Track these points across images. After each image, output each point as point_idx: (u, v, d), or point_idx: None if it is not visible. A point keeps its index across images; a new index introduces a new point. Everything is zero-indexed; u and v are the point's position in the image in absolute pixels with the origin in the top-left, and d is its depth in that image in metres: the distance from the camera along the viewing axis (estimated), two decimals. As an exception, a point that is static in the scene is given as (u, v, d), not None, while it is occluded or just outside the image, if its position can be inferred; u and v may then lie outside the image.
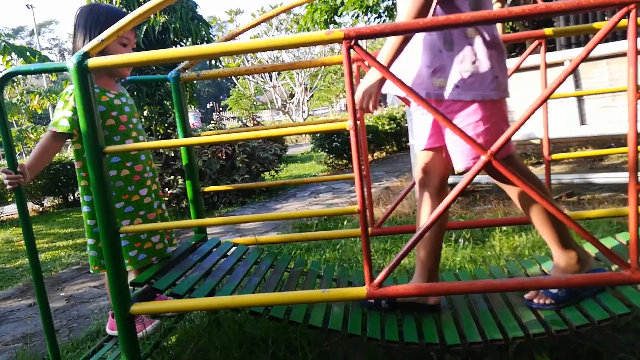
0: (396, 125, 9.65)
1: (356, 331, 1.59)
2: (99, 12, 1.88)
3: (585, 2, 1.23)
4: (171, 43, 6.16)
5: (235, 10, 20.28)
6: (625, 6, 1.21)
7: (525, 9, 1.23)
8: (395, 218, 3.84)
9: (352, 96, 1.32)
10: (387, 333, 1.60)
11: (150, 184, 2.01)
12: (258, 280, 1.87)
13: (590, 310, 1.52)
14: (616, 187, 3.90)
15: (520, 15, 1.24)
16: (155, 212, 2.00)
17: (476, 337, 1.52)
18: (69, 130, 1.79)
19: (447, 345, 1.51)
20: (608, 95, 3.09)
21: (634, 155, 1.29)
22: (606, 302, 1.54)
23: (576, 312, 1.55)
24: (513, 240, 2.85)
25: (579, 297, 1.60)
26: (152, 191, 2.02)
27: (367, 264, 1.38)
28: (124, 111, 1.94)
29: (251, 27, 2.09)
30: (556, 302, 1.59)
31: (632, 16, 1.21)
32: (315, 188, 6.34)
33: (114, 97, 1.92)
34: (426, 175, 1.70)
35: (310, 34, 1.32)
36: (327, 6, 10.03)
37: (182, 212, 5.55)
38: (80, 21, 1.88)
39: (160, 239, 1.99)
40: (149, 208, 1.97)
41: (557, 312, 1.57)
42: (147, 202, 1.97)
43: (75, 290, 3.14)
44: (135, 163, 1.95)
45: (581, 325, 1.47)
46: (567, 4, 1.22)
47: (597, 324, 1.46)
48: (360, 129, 2.06)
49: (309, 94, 22.22)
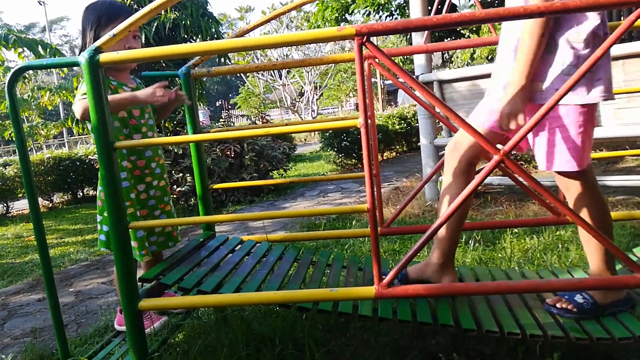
0: (407, 125, 9.60)
1: (367, 312, 1.57)
2: (99, 8, 1.92)
3: (602, 0, 1.20)
4: (181, 40, 6.17)
5: (245, 7, 20.30)
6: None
7: (540, 7, 1.21)
8: (404, 219, 3.82)
9: (363, 94, 1.31)
10: (399, 313, 1.57)
11: (151, 180, 2.01)
12: (266, 272, 1.86)
13: (611, 327, 1.49)
14: (631, 190, 3.85)
15: (536, 13, 1.22)
16: (148, 209, 2.00)
17: (493, 326, 1.49)
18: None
19: (463, 329, 1.48)
20: (623, 96, 3.04)
21: (650, 156, 1.27)
22: (627, 322, 1.50)
23: (596, 326, 1.51)
24: (524, 242, 2.82)
25: (601, 313, 1.56)
26: (154, 187, 2.02)
27: (377, 264, 1.36)
28: (138, 106, 1.96)
29: (262, 23, 2.08)
30: (578, 312, 1.55)
31: (650, 14, 1.19)
32: (323, 187, 6.33)
33: (130, 92, 1.94)
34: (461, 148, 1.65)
35: (321, 30, 1.31)
36: (338, 4, 10.00)
37: (190, 209, 5.57)
38: (82, 19, 1.94)
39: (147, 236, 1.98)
40: (142, 204, 1.98)
41: (576, 322, 1.53)
42: (143, 198, 1.99)
43: (83, 286, 3.16)
44: (139, 158, 1.96)
45: (601, 338, 1.43)
46: (583, 1, 1.20)
47: (618, 340, 1.42)
48: (371, 127, 2.04)
49: (319, 93, 22.20)
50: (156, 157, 2.05)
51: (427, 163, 4.35)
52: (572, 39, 1.40)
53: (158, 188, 2.05)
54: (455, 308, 1.63)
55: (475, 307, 1.64)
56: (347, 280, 1.92)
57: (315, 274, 1.97)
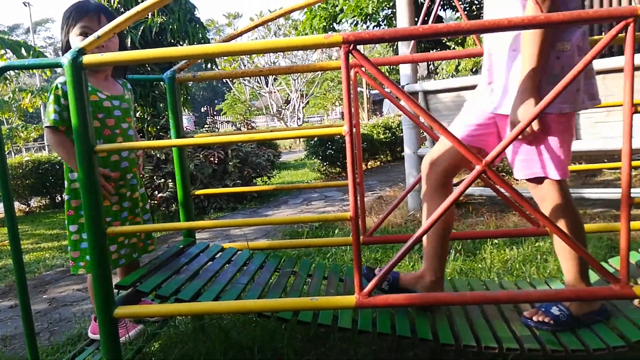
0: (391, 134, 9.66)
1: (347, 324, 1.56)
2: (70, 7, 1.89)
3: (585, 14, 1.23)
4: (168, 44, 6.13)
5: (233, 13, 20.30)
6: (623, 19, 1.21)
7: (525, 19, 1.22)
8: (387, 228, 3.82)
9: (348, 102, 1.30)
10: (379, 326, 1.57)
11: (126, 192, 1.95)
12: (246, 281, 1.84)
13: (586, 338, 1.51)
14: (608, 203, 3.91)
15: (520, 25, 1.24)
16: (120, 221, 1.94)
17: (470, 340, 1.50)
18: (56, 124, 1.77)
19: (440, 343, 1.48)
20: (602, 110, 3.11)
21: (628, 170, 1.29)
22: (602, 334, 1.52)
23: (572, 337, 1.52)
24: (504, 253, 2.84)
25: (577, 324, 1.57)
26: (127, 199, 1.96)
27: (358, 272, 1.35)
28: (113, 114, 1.89)
29: (250, 29, 2.07)
30: (555, 324, 1.56)
31: (630, 30, 1.21)
32: (307, 195, 6.32)
33: (105, 99, 1.88)
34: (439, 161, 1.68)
35: (309, 37, 1.30)
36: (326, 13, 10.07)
37: (171, 216, 5.49)
38: (63, 18, 1.90)
39: (117, 249, 1.92)
40: (115, 216, 1.92)
41: (552, 334, 1.55)
42: (116, 209, 1.92)
43: (58, 292, 3.08)
44: (113, 170, 1.89)
45: (577, 350, 1.45)
46: (566, 15, 1.22)
47: (593, 352, 1.44)
48: (356, 135, 2.04)
49: (305, 101, 22.24)
50: (133, 169, 1.98)
51: (410, 173, 4.37)
52: (558, 49, 1.43)
53: (130, 199, 1.98)
54: (434, 320, 1.64)
55: (454, 319, 1.65)
56: (327, 290, 1.90)
57: (296, 283, 1.95)
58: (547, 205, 1.55)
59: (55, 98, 1.78)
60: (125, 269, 2.05)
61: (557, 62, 1.44)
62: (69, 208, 1.88)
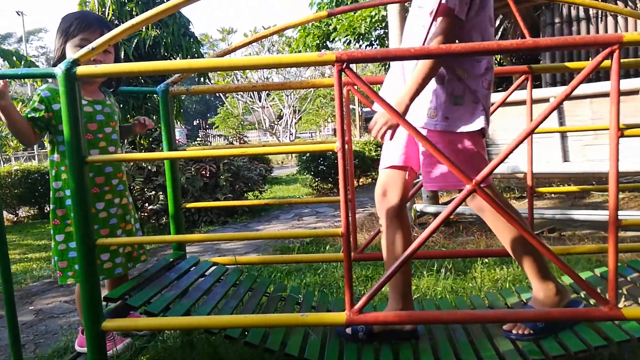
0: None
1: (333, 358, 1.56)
2: (71, 17, 1.88)
3: (572, 40, 1.26)
4: (161, 57, 6.16)
5: (227, 29, 20.50)
6: (609, 46, 1.24)
7: (513, 43, 1.26)
8: (378, 245, 3.82)
9: (341, 119, 1.32)
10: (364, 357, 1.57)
11: (113, 197, 1.92)
12: (236, 303, 1.83)
13: (568, 342, 1.53)
14: (597, 225, 3.96)
15: (509, 49, 1.27)
16: (109, 228, 1.91)
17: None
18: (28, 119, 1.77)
19: None
20: (590, 133, 3.17)
21: (615, 192, 1.31)
22: (584, 334, 1.55)
23: (554, 343, 1.55)
24: (494, 272, 2.85)
25: (557, 328, 1.60)
26: (115, 205, 1.93)
27: (349, 289, 1.36)
28: (95, 119, 1.89)
29: (243, 45, 2.10)
30: (535, 333, 1.59)
31: (615, 56, 1.24)
32: (298, 211, 6.31)
33: (87, 104, 1.88)
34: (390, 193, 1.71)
35: (302, 54, 1.33)
36: (319, 31, 10.19)
37: (161, 228, 5.45)
38: (58, 27, 1.90)
39: (111, 257, 1.89)
40: (103, 223, 1.89)
41: (534, 343, 1.57)
42: (103, 216, 1.89)
43: (45, 304, 3.03)
44: (98, 175, 1.87)
45: (558, 356, 1.47)
46: (554, 40, 1.26)
47: (574, 355, 1.46)
48: (348, 152, 2.06)
49: (297, 117, 22.36)
50: (118, 174, 1.95)
51: (401, 190, 4.39)
52: (459, 74, 1.55)
53: (120, 206, 1.95)
54: (418, 351, 1.63)
55: (437, 345, 1.64)
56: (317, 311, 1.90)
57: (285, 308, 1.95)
58: (487, 214, 1.61)
59: (32, 103, 1.79)
60: (114, 281, 2.02)
61: (459, 85, 1.55)
62: (54, 217, 1.86)
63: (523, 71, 1.98)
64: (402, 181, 1.71)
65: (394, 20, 4.39)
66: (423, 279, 2.80)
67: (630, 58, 4.27)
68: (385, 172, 1.74)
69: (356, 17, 9.95)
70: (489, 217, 1.61)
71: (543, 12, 6.19)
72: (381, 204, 1.74)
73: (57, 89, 1.82)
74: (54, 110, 1.79)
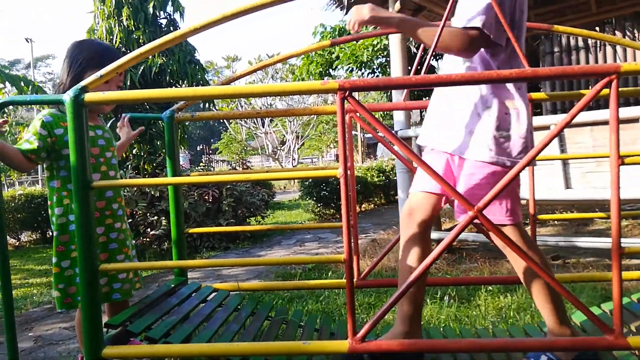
0: (385, 178, 9.74)
1: None
2: (84, 47, 1.92)
3: (570, 70, 1.29)
4: (167, 84, 6.26)
5: (232, 56, 20.85)
6: (607, 76, 1.26)
7: (512, 73, 1.28)
8: (380, 271, 3.80)
9: (343, 145, 1.34)
10: None
11: (112, 222, 1.92)
12: (237, 328, 1.81)
13: None
14: (601, 253, 3.92)
15: (508, 78, 1.29)
16: (108, 253, 1.90)
17: None
18: (25, 152, 1.77)
19: None
20: (592, 160, 3.18)
21: (617, 220, 1.31)
22: None
23: None
24: (498, 300, 2.82)
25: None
26: (116, 230, 1.93)
27: (351, 316, 1.35)
28: (97, 144, 1.91)
29: (248, 73, 2.14)
30: None
31: (613, 85, 1.27)
32: (301, 236, 6.29)
33: (89, 129, 1.88)
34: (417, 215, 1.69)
35: (306, 82, 1.35)
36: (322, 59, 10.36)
37: (162, 254, 5.43)
38: (67, 55, 1.92)
39: (109, 282, 1.88)
40: (103, 248, 1.88)
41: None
42: (102, 240, 1.88)
43: (44, 330, 3.00)
44: (99, 199, 1.88)
45: None
46: (552, 70, 1.28)
47: None
48: (350, 178, 2.07)
49: (300, 142, 22.51)
50: (118, 198, 1.96)
51: (404, 216, 4.38)
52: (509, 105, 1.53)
53: (121, 231, 1.95)
54: None
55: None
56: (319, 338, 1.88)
57: (287, 334, 1.93)
58: (510, 250, 1.56)
59: (33, 129, 1.80)
60: (114, 308, 2.01)
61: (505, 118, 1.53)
62: (58, 244, 1.85)
63: (523, 99, 2.01)
64: (432, 206, 1.68)
65: (395, 49, 4.48)
66: (426, 306, 2.77)
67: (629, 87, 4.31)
68: (417, 195, 1.71)
69: (358, 45, 10.14)
70: (512, 255, 1.57)
71: (542, 42, 6.30)
72: (406, 225, 1.71)
73: (59, 114, 1.85)
74: (57, 135, 1.81)
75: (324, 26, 11.90)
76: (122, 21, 6.21)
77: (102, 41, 1.88)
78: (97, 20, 6.49)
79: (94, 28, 6.48)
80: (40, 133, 1.79)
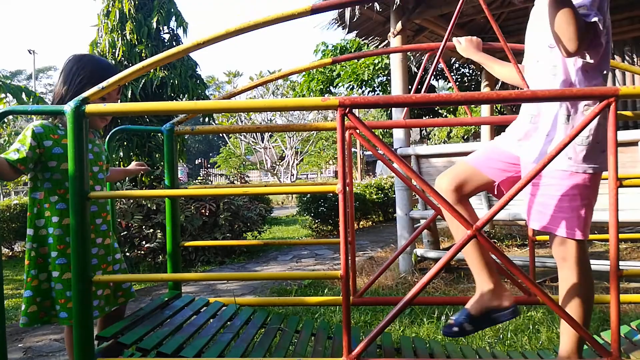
0: (384, 195, 9.74)
1: None
2: (86, 62, 1.92)
3: (569, 92, 1.30)
4: (168, 98, 6.29)
5: (233, 72, 20.99)
6: (605, 99, 1.27)
7: (512, 94, 1.29)
8: (377, 289, 3.77)
9: (342, 161, 1.34)
10: None
11: (95, 237, 1.88)
12: (231, 337, 1.79)
13: None
14: (599, 275, 3.90)
15: (507, 99, 1.30)
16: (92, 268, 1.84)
17: None
18: (14, 162, 1.75)
19: None
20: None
21: (615, 242, 1.31)
22: None
23: None
24: (495, 320, 2.80)
25: None
26: (97, 245, 1.88)
27: (347, 333, 1.33)
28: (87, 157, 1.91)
29: (249, 88, 2.15)
30: None
31: (612, 108, 1.27)
32: (297, 252, 6.26)
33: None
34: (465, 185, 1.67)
35: (306, 99, 1.36)
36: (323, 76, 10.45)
37: (157, 267, 5.39)
38: (67, 67, 1.92)
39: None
40: None
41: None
42: None
43: (34, 342, 2.96)
44: None
45: None
46: (551, 92, 1.29)
47: None
48: (349, 194, 2.07)
49: (299, 158, 22.55)
50: (102, 213, 1.93)
51: (402, 234, 4.37)
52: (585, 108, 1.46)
53: (102, 246, 1.90)
54: None
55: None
56: (315, 349, 1.86)
57: (282, 341, 1.90)
58: (567, 265, 1.54)
59: (23, 138, 1.78)
60: (106, 321, 1.98)
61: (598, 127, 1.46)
62: (38, 256, 1.81)
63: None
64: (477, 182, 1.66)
65: (396, 68, 4.52)
66: (423, 326, 2.74)
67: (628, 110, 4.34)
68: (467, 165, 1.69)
69: (359, 64, 10.24)
70: (566, 271, 1.54)
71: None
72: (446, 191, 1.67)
73: (50, 126, 1.85)
74: (45, 147, 1.80)
75: (325, 44, 12.04)
76: (125, 35, 6.27)
77: (103, 58, 1.90)
78: (100, 34, 6.55)
79: (97, 41, 6.53)
80: (30, 143, 1.78)
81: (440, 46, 1.54)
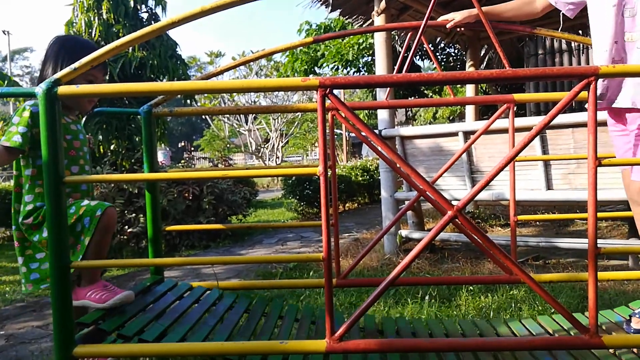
0: (369, 177, 9.76)
1: None
2: (72, 43, 1.90)
3: (550, 71, 1.29)
4: (147, 79, 6.15)
5: (215, 52, 20.65)
6: (585, 78, 1.27)
7: (493, 73, 1.28)
8: (362, 271, 3.79)
9: (323, 143, 1.32)
10: None
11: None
12: (215, 322, 1.78)
13: None
14: (580, 253, 3.98)
15: (489, 78, 1.29)
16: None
17: None
18: (20, 146, 1.73)
19: None
20: (573, 162, 3.21)
21: (593, 221, 1.32)
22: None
23: None
24: (479, 300, 2.84)
25: None
26: None
27: (329, 316, 1.33)
28: (78, 137, 1.92)
29: (231, 68, 2.11)
30: None
31: (592, 87, 1.27)
32: (282, 235, 6.26)
33: (72, 122, 1.91)
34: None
35: (286, 79, 1.33)
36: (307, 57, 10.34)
37: (140, 252, 5.34)
38: (53, 50, 1.88)
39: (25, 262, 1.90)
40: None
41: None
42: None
43: (16, 329, 2.92)
44: (74, 191, 1.88)
45: None
46: (532, 71, 1.28)
47: None
48: (332, 176, 2.05)
49: (284, 140, 22.44)
50: (90, 192, 1.99)
51: (387, 215, 4.39)
52: None
53: None
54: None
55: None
56: (298, 333, 1.86)
57: (266, 325, 1.90)
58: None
59: (23, 120, 1.75)
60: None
61: None
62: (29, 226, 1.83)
63: (506, 100, 2.02)
64: None
65: (380, 48, 4.47)
66: (407, 306, 2.77)
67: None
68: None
69: (344, 44, 10.14)
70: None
71: (527, 44, 6.37)
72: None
73: None
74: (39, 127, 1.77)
75: (309, 23, 11.87)
76: (102, 14, 6.08)
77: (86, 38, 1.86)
78: (76, 13, 6.34)
79: (72, 21, 6.33)
80: (29, 123, 1.75)
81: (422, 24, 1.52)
